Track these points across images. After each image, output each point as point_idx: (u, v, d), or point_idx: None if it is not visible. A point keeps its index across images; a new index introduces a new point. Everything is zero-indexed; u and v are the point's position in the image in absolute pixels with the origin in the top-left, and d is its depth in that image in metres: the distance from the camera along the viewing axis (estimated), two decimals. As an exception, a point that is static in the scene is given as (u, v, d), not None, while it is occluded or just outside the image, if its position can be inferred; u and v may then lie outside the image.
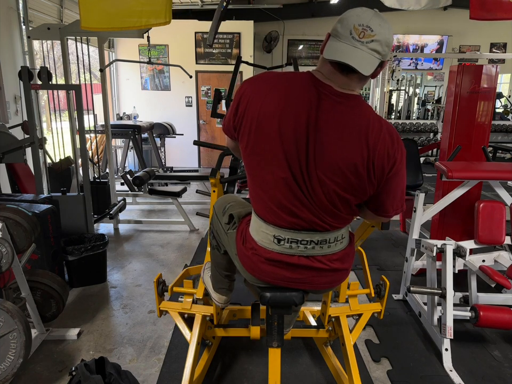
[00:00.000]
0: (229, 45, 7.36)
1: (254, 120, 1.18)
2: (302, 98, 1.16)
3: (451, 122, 3.03)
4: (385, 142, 1.17)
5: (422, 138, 7.72)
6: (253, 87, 1.22)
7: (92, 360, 1.67)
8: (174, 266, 3.39)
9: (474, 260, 2.39)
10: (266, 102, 1.17)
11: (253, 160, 1.25)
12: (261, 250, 1.33)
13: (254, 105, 1.19)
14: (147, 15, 2.51)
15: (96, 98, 4.22)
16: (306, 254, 1.30)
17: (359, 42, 1.09)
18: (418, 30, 8.91)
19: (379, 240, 4.02)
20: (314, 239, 1.28)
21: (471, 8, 3.03)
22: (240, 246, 1.40)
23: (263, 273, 1.35)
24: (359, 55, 1.09)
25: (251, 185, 1.31)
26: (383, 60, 1.14)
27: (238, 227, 1.46)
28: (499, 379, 2.08)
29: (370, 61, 1.11)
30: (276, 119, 1.15)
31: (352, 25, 1.10)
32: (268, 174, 1.22)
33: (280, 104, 1.16)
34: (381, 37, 1.10)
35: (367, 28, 1.09)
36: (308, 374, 2.08)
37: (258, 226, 1.33)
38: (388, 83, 5.90)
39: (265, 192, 1.25)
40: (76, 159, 3.73)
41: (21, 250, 2.12)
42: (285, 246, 1.29)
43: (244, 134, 1.23)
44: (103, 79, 3.95)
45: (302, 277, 1.34)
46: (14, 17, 4.45)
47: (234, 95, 1.28)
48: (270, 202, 1.25)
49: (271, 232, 1.29)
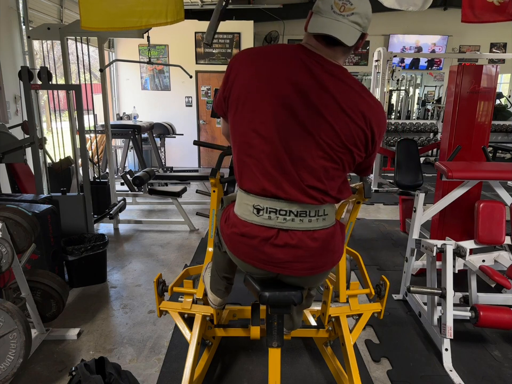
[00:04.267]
0: (229, 45, 7.37)
1: (244, 86, 1.23)
2: (295, 64, 1.21)
3: (451, 122, 3.03)
4: (376, 108, 1.25)
5: (422, 138, 7.73)
6: (243, 56, 1.29)
7: (92, 360, 1.67)
8: (174, 266, 3.39)
9: (474, 260, 2.39)
10: (258, 69, 1.23)
11: (242, 125, 1.26)
12: (240, 225, 1.32)
13: (244, 73, 1.24)
14: (147, 15, 2.51)
15: (96, 98, 4.22)
16: (285, 227, 1.27)
17: (340, 16, 1.15)
18: (418, 30, 8.90)
19: (379, 240, 4.02)
20: (293, 210, 1.26)
21: (462, 12, 3.08)
22: (223, 224, 1.42)
23: (242, 253, 1.35)
24: (342, 27, 1.16)
25: (235, 152, 1.32)
26: (364, 31, 1.20)
27: (225, 208, 1.49)
28: (499, 379, 2.08)
29: (352, 33, 1.17)
30: (269, 84, 1.20)
31: (332, 0, 1.16)
32: (256, 138, 1.23)
33: (273, 70, 1.21)
34: (360, 9, 1.16)
35: (347, 2, 1.15)
36: (307, 374, 2.08)
37: (241, 198, 1.34)
38: (388, 83, 5.88)
39: (249, 156, 1.26)
40: (76, 159, 3.73)
41: (21, 250, 2.12)
42: (263, 217, 1.28)
43: (233, 100, 1.26)
44: (103, 79, 3.95)
45: (279, 261, 1.30)
46: (14, 17, 4.45)
47: (227, 67, 1.32)
48: (253, 166, 1.26)
49: (251, 202, 1.29)
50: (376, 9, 1.20)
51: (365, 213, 4.97)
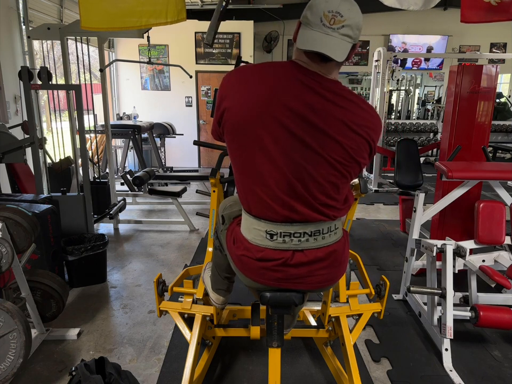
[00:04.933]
0: (229, 45, 7.37)
1: (241, 112, 1.18)
2: (293, 84, 1.16)
3: (451, 122, 3.03)
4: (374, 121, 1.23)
5: (422, 138, 7.73)
6: (235, 78, 1.24)
7: (92, 360, 1.67)
8: (174, 266, 3.39)
9: (474, 260, 2.39)
10: (253, 91, 1.18)
11: (243, 153, 1.23)
12: (254, 249, 1.31)
13: (237, 97, 1.19)
14: (147, 15, 2.51)
15: (96, 98, 4.22)
16: (300, 247, 1.28)
17: (330, 29, 1.10)
18: (418, 30, 8.90)
19: (379, 240, 4.02)
20: (307, 231, 1.26)
21: (461, 12, 3.09)
22: (231, 246, 1.39)
23: (255, 275, 1.34)
24: (332, 42, 1.11)
25: (240, 181, 1.29)
26: (355, 43, 1.16)
27: (229, 227, 1.46)
28: (499, 379, 2.08)
29: (343, 47, 1.13)
30: (267, 106, 1.15)
31: (322, 12, 1.10)
32: (261, 165, 1.20)
33: (271, 91, 1.16)
34: (351, 21, 1.11)
35: (337, 14, 1.10)
36: (307, 374, 2.08)
37: (250, 224, 1.31)
38: (388, 83, 5.89)
39: (257, 184, 1.23)
40: (76, 159, 3.73)
41: (21, 250, 2.12)
42: (278, 241, 1.27)
43: (228, 127, 1.23)
44: (103, 79, 3.95)
45: (293, 277, 1.30)
46: (14, 17, 4.45)
47: (218, 90, 1.28)
48: (263, 194, 1.23)
49: (263, 228, 1.27)
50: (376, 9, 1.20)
51: (365, 213, 4.97)
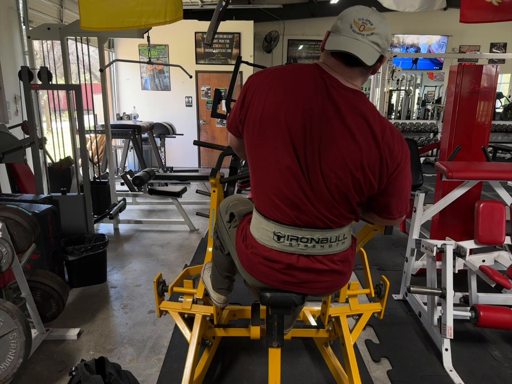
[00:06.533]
0: (229, 45, 7.37)
1: (259, 111, 1.19)
2: (309, 88, 1.16)
3: (451, 122, 3.03)
4: (389, 142, 1.17)
5: (422, 138, 7.72)
6: (258, 79, 1.23)
7: (92, 360, 1.67)
8: (174, 266, 3.39)
9: (474, 259, 2.39)
10: (272, 92, 1.18)
11: (258, 151, 1.24)
12: (260, 248, 1.31)
13: (260, 96, 1.19)
14: (146, 14, 2.51)
15: (96, 98, 4.22)
16: (306, 253, 1.28)
17: (359, 35, 1.11)
18: (418, 30, 8.91)
19: (379, 240, 4.02)
20: (315, 237, 1.26)
21: (461, 12, 3.10)
22: (240, 244, 1.40)
23: (261, 274, 1.34)
24: (361, 46, 1.11)
25: (254, 179, 1.30)
26: (383, 53, 1.16)
27: (239, 224, 1.46)
28: (499, 379, 2.08)
29: (372, 52, 1.12)
30: (283, 108, 1.15)
31: (352, 19, 1.12)
32: (272, 164, 1.20)
33: (287, 94, 1.16)
34: (381, 30, 1.12)
35: (367, 22, 1.11)
36: (307, 374, 2.08)
37: (259, 223, 1.32)
38: (388, 83, 5.89)
39: (268, 184, 1.24)
40: (76, 159, 3.73)
41: (21, 250, 2.12)
42: (284, 244, 1.27)
43: (248, 125, 1.23)
44: (103, 79, 3.95)
45: (299, 281, 1.31)
46: (14, 17, 4.45)
47: (242, 88, 1.28)
48: (272, 195, 1.24)
49: (271, 229, 1.28)
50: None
51: (365, 213, 4.96)
